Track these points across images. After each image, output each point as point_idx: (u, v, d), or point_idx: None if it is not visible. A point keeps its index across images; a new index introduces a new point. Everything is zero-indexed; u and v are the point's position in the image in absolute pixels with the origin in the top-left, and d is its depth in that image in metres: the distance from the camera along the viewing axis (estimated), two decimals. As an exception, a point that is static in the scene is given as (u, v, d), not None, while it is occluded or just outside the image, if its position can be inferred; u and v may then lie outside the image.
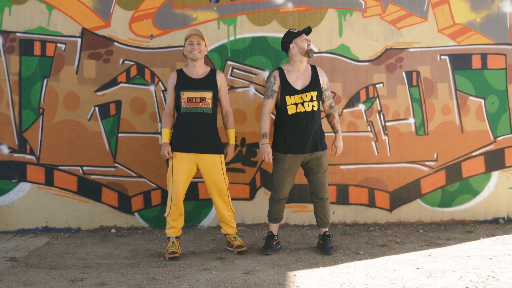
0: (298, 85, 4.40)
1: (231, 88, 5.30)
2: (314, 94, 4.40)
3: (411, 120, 5.45)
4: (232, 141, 4.58)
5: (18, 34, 5.23)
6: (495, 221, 5.54)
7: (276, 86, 4.41)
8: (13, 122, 5.25)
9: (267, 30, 5.35)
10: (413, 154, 5.46)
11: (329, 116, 4.59)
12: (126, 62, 5.30)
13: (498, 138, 5.52)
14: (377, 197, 5.48)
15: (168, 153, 4.39)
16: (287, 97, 4.38)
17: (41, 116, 5.26)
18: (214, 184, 4.47)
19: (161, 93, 5.31)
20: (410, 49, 5.43)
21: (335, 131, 4.57)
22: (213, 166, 4.44)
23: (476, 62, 5.47)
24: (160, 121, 5.30)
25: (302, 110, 4.37)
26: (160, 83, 5.31)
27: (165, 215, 4.48)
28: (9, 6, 5.22)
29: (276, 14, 5.35)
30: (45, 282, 3.84)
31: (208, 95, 4.42)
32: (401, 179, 5.47)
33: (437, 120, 5.46)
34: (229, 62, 5.32)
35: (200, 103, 4.39)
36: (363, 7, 5.40)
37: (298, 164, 4.47)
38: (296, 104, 4.38)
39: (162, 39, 5.30)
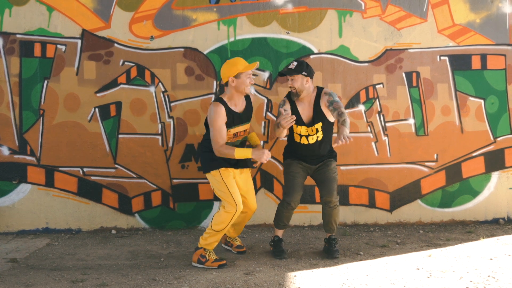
0: (304, 117, 4.39)
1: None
2: (319, 126, 4.38)
3: (411, 121, 5.45)
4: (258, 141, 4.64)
5: (18, 36, 5.24)
6: (495, 221, 5.54)
7: (287, 107, 4.41)
8: (13, 123, 5.26)
9: (267, 31, 5.35)
10: (413, 155, 5.46)
11: (338, 121, 4.37)
12: (126, 63, 5.30)
13: (498, 139, 5.52)
14: (377, 197, 5.48)
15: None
16: (294, 126, 4.41)
17: (41, 117, 5.27)
18: (252, 199, 4.45)
19: (161, 94, 5.32)
20: (410, 50, 5.43)
21: (339, 125, 4.22)
22: (250, 181, 4.48)
23: (475, 63, 5.47)
24: (161, 122, 5.31)
25: (306, 142, 4.40)
26: (160, 84, 5.31)
27: (218, 229, 4.17)
28: (9, 8, 5.23)
29: (276, 15, 5.35)
30: (46, 283, 3.84)
31: (248, 126, 4.45)
32: (401, 180, 5.48)
33: (437, 120, 5.47)
34: (229, 63, 5.32)
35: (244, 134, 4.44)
36: (363, 8, 5.40)
37: (305, 169, 4.48)
38: (301, 136, 4.41)
39: (162, 40, 5.31)
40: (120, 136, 5.32)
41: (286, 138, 4.61)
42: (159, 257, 4.51)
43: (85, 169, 5.32)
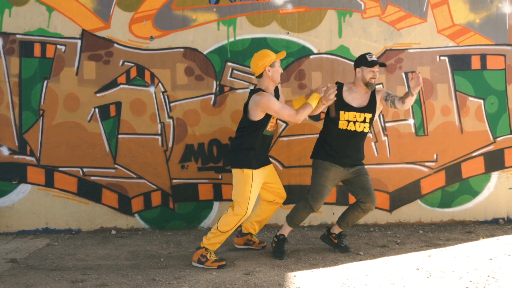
0: (355, 103, 4.38)
1: (231, 89, 5.30)
2: (368, 116, 4.36)
3: (411, 121, 5.46)
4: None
5: (18, 36, 5.24)
6: (495, 221, 5.55)
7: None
8: (13, 123, 5.26)
9: (267, 31, 5.35)
10: (413, 155, 5.47)
11: (405, 96, 4.26)
12: (126, 63, 5.30)
13: (498, 139, 5.52)
14: (377, 197, 5.45)
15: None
16: (341, 112, 4.37)
17: (41, 117, 5.27)
18: (282, 188, 4.52)
19: (161, 94, 5.32)
20: (409, 50, 5.43)
21: (410, 92, 4.22)
22: (276, 173, 4.52)
23: (475, 63, 5.48)
24: (161, 122, 5.31)
25: (353, 128, 4.36)
26: (160, 84, 5.31)
27: (223, 230, 4.22)
28: (9, 8, 5.23)
29: (276, 15, 5.35)
30: (46, 284, 3.84)
31: None
32: (401, 180, 5.48)
33: (437, 120, 5.47)
34: (229, 63, 5.33)
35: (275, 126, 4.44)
36: (363, 8, 5.40)
37: (339, 177, 4.45)
38: (348, 122, 4.36)
39: (162, 41, 5.31)
40: (120, 136, 5.32)
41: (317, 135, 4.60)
42: (159, 257, 4.51)
43: (85, 169, 5.32)
